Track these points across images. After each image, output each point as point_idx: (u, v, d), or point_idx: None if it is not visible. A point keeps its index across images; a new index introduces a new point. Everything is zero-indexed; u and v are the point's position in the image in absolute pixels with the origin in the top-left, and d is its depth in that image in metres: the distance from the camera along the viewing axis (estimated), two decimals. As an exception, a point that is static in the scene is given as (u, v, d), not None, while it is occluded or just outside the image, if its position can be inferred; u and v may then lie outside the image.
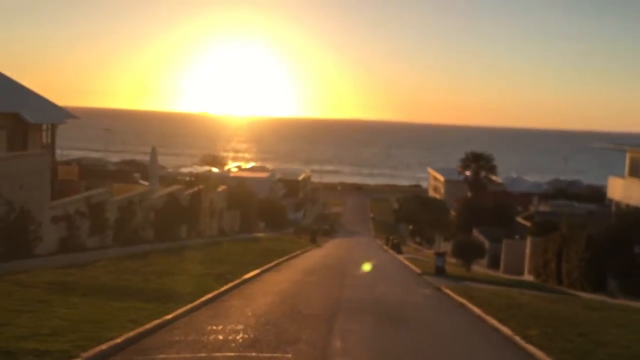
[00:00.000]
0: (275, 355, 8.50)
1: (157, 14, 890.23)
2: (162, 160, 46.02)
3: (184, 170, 79.77)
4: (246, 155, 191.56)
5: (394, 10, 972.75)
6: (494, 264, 39.15)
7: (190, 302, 12.52)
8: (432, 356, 9.38)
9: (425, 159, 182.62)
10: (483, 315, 12.87)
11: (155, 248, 23.93)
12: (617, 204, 34.31)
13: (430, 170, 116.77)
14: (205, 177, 53.01)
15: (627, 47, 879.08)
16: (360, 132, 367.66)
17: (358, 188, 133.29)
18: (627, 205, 32.36)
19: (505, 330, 11.13)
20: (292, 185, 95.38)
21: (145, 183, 40.91)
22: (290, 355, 8.48)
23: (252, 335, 9.75)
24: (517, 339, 10.38)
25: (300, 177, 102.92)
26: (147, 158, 74.98)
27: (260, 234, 47.32)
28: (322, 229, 62.89)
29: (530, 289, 21.08)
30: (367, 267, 22.66)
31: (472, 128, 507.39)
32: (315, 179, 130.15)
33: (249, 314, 11.95)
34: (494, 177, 77.00)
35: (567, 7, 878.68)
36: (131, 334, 9.15)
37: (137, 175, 50.45)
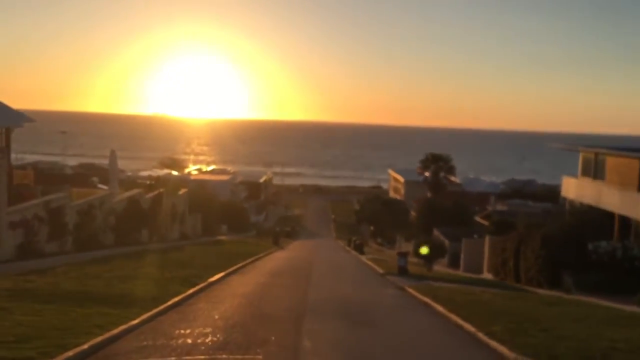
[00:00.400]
0: (246, 356, 8.55)
1: (120, 23, 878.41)
2: (120, 163, 45.26)
3: (144, 173, 78.61)
4: (206, 157, 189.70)
5: (351, 10, 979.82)
6: (454, 263, 39.89)
7: (156, 306, 12.42)
8: (400, 353, 9.57)
9: (386, 160, 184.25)
10: (447, 313, 13.17)
11: (116, 253, 23.55)
12: (571, 203, 35.42)
13: (390, 171, 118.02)
14: (166, 181, 52.45)
15: (581, 48, 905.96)
16: (321, 134, 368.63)
17: (319, 190, 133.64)
18: (580, 204, 33.45)
19: (469, 327, 11.42)
20: (253, 188, 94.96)
21: (104, 187, 40.25)
22: (261, 357, 8.54)
23: (221, 338, 9.76)
24: (481, 335, 10.67)
25: (262, 180, 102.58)
26: (105, 162, 73.66)
27: (222, 237, 47.02)
28: (284, 231, 62.87)
29: (490, 287, 21.59)
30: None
31: (431, 129, 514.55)
32: (277, 181, 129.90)
33: (217, 317, 11.93)
34: (452, 178, 78.43)
35: (524, 7, 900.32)
36: (98, 339, 9.05)
37: (95, 179, 49.57)
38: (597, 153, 33.28)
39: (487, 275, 32.35)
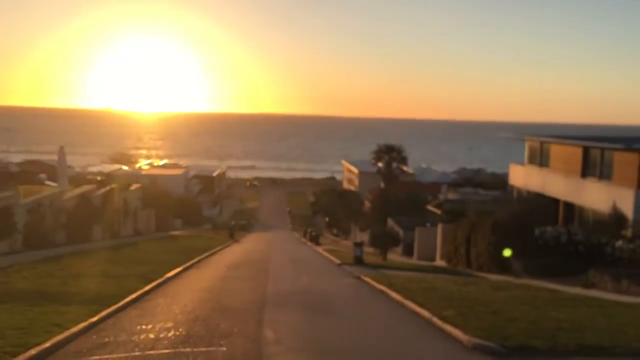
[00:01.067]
0: (210, 349, 8.69)
1: (55, 4, 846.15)
2: (69, 159, 44.08)
3: (93, 169, 76.87)
4: (158, 152, 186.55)
5: (313, 2, 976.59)
6: (408, 251, 40.70)
7: (115, 303, 12.37)
8: (359, 340, 9.88)
9: (342, 151, 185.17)
10: (402, 300, 13.57)
11: (68, 251, 23.15)
12: (519, 190, 36.63)
13: (344, 162, 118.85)
14: (117, 176, 51.52)
15: (533, 39, 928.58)
16: (278, 126, 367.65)
17: (274, 182, 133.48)
18: (528, 192, 34.65)
19: (424, 312, 11.84)
20: (207, 182, 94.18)
21: (53, 184, 39.22)
22: (225, 349, 8.69)
23: (183, 332, 9.86)
24: (436, 319, 11.09)
25: (215, 174, 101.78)
26: (51, 158, 71.62)
27: (177, 232, 46.61)
28: (240, 225, 62.70)
29: (443, 274, 22.24)
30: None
31: (385, 120, 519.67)
32: (231, 174, 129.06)
33: (177, 311, 12.00)
34: (405, 168, 79.65)
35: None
36: (59, 337, 9.02)
37: (43, 176, 48.16)
38: (542, 142, 34.49)
39: (440, 263, 33.18)
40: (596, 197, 27.32)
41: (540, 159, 34.29)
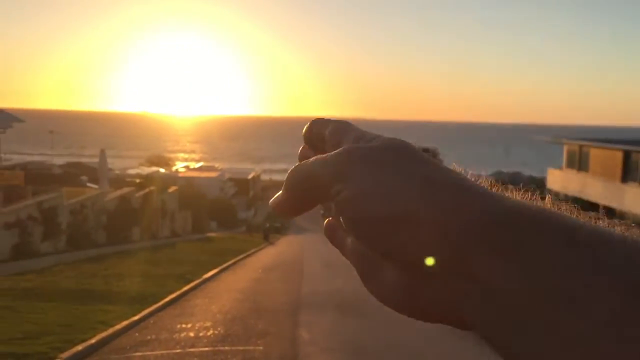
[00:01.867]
0: (248, 347, 8.94)
1: (93, 5, 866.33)
2: (108, 162, 45.22)
3: (131, 171, 78.47)
4: (195, 155, 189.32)
5: (358, 5, 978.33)
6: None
7: (155, 302, 12.77)
8: (393, 341, 10.02)
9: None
10: (437, 303, 13.61)
11: (109, 251, 23.82)
12: (556, 194, 36.15)
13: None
14: (154, 179, 52.56)
15: (569, 41, 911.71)
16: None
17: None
18: (565, 195, 34.17)
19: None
20: (242, 184, 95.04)
21: (94, 186, 40.26)
22: (262, 347, 8.94)
23: (222, 331, 10.14)
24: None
25: (250, 176, 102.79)
26: (91, 160, 73.38)
27: (212, 234, 47.28)
28: (274, 227, 63.23)
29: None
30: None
31: (422, 122, 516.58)
32: (266, 177, 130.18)
33: (215, 311, 12.31)
34: (440, 171, 79.11)
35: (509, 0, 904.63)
36: (103, 334, 9.41)
37: (84, 178, 49.37)
38: (581, 145, 33.99)
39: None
40: (637, 202, 26.82)
41: (579, 163, 33.81)
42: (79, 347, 8.52)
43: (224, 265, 21.93)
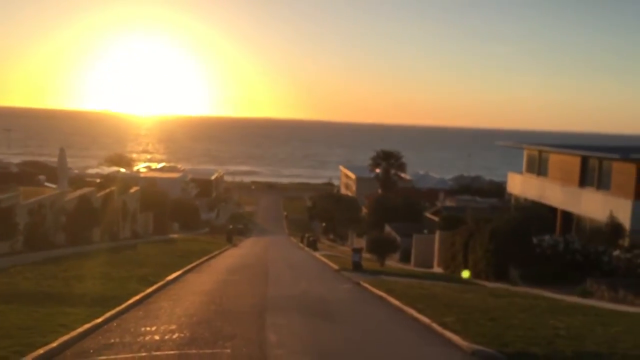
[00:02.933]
0: (215, 351, 8.84)
1: (54, 6, 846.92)
2: (68, 161, 44.03)
3: (91, 171, 76.99)
4: (156, 155, 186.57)
5: (314, 9, 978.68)
6: (406, 258, 40.86)
7: (118, 305, 12.52)
8: (360, 344, 10.04)
9: (340, 157, 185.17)
10: (402, 306, 13.73)
11: (69, 252, 23.26)
12: (516, 198, 36.87)
13: (342, 168, 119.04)
14: (115, 179, 51.57)
15: (530, 47, 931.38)
16: (276, 131, 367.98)
17: (271, 187, 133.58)
18: (525, 199, 34.88)
19: (424, 319, 12.00)
20: (204, 185, 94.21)
21: (52, 185, 39.28)
22: (229, 350, 8.84)
23: (188, 334, 10.01)
24: (435, 326, 11.25)
25: (213, 177, 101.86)
26: (50, 159, 71.47)
27: (175, 235, 46.68)
28: (236, 229, 62.83)
29: (440, 280, 22.40)
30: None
31: (384, 126, 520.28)
32: (229, 178, 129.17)
33: (180, 313, 12.14)
34: (403, 175, 79.92)
35: (470, 6, 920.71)
36: (65, 337, 9.17)
37: (42, 177, 48.23)
38: (540, 150, 34.75)
39: (437, 269, 33.36)
40: (594, 206, 27.55)
41: (538, 167, 34.54)
42: (40, 351, 8.28)
43: (188, 267, 21.67)
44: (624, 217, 24.73)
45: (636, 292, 17.95)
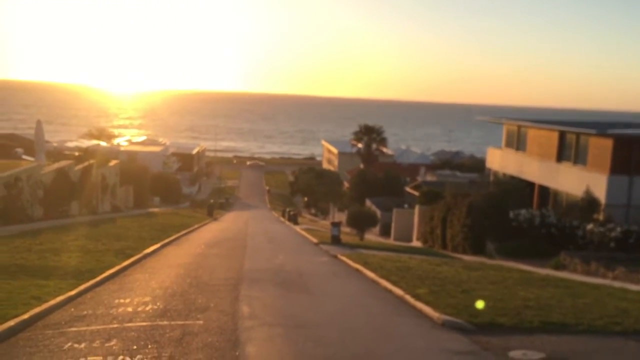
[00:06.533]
0: (187, 322, 8.88)
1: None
2: (46, 134, 43.42)
3: (70, 144, 75.90)
4: (138, 130, 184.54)
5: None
6: (386, 232, 41.22)
7: (92, 277, 12.51)
8: (333, 315, 10.16)
9: (325, 133, 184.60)
10: (377, 278, 13.89)
11: (46, 226, 23.10)
12: (495, 173, 37.20)
13: (324, 142, 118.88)
14: (95, 152, 51.03)
15: (514, 23, 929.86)
16: (266, 106, 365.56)
17: (253, 161, 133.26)
18: (504, 174, 35.21)
19: (397, 290, 12.15)
20: (186, 159, 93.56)
21: (30, 158, 38.78)
22: (201, 322, 8.89)
23: (161, 306, 10.04)
24: (408, 297, 11.41)
25: (195, 151, 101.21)
26: (27, 132, 70.39)
27: (155, 209, 46.49)
28: (218, 203, 62.72)
29: (418, 254, 22.65)
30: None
31: (366, 101, 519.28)
32: (211, 153, 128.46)
33: (155, 286, 12.16)
34: (384, 149, 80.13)
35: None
36: (37, 310, 9.16)
37: (19, 150, 47.50)
38: (519, 125, 34.99)
39: (416, 243, 33.71)
40: (570, 181, 27.91)
41: (517, 142, 34.81)
42: (11, 323, 8.27)
43: (166, 241, 21.64)
44: (600, 192, 25.11)
45: (608, 264, 18.33)
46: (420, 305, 10.68)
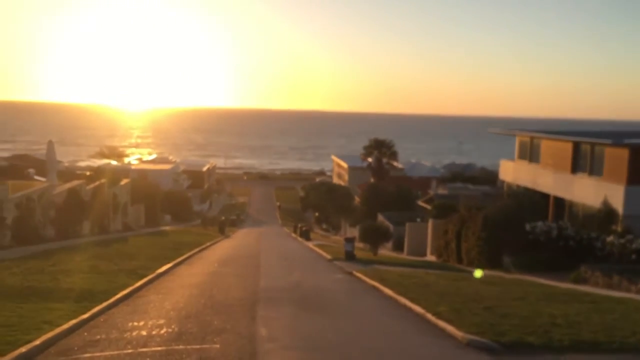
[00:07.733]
0: (203, 346, 8.59)
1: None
2: (57, 154, 43.53)
3: (82, 164, 76.39)
4: (148, 148, 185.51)
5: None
6: (399, 246, 40.73)
7: (106, 299, 12.26)
8: (352, 336, 9.83)
9: (335, 149, 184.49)
10: (395, 295, 13.54)
11: (58, 246, 22.93)
12: (509, 185, 36.74)
13: (334, 157, 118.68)
14: (106, 171, 51.11)
15: (523, 35, 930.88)
16: (272, 122, 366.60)
17: (264, 177, 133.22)
18: (517, 186, 34.76)
19: (417, 308, 11.81)
20: (196, 177, 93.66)
21: (42, 179, 38.85)
22: (218, 346, 8.60)
23: (176, 329, 9.76)
24: (429, 315, 11.06)
25: (205, 168, 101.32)
26: (39, 152, 70.77)
27: (166, 227, 46.35)
28: (229, 220, 62.52)
29: (433, 269, 22.26)
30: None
31: (376, 115, 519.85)
32: (221, 170, 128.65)
33: (169, 307, 11.88)
34: (395, 163, 79.76)
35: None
36: (49, 335, 8.91)
37: (31, 170, 47.73)
38: (532, 137, 34.60)
39: (430, 258, 33.24)
40: (586, 192, 27.45)
41: (530, 154, 34.40)
42: (22, 350, 8.01)
43: (179, 260, 21.39)
44: (617, 203, 24.63)
45: (630, 277, 17.86)
46: (442, 324, 10.33)
